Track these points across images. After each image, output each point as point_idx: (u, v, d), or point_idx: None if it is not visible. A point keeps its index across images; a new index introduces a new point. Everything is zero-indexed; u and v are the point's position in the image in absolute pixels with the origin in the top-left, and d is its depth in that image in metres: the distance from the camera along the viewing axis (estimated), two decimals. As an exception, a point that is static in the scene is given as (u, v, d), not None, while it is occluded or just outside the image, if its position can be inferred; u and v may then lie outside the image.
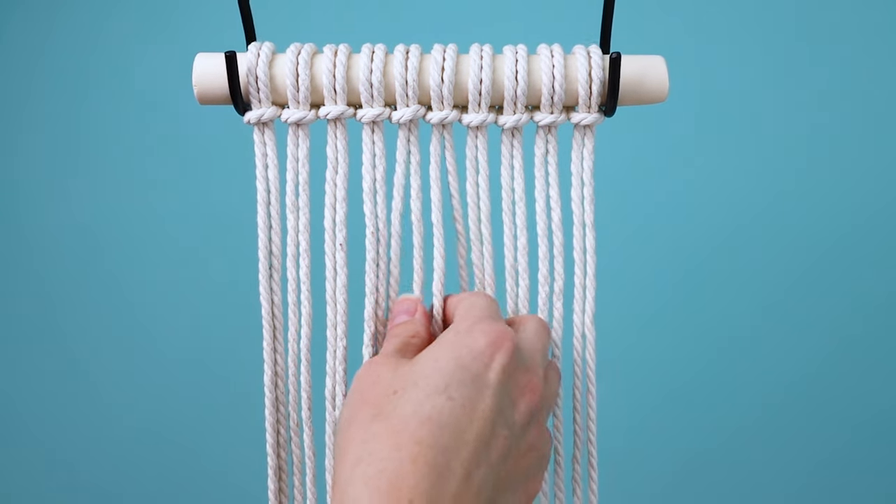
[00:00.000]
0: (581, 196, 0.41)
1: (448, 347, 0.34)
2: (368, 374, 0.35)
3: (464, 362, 0.33)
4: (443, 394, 0.32)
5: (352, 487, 0.30)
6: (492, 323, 0.35)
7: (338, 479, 0.32)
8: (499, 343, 0.34)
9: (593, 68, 0.39)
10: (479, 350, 0.34)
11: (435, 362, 0.34)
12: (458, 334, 0.35)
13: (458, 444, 0.31)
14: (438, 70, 0.39)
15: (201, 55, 0.40)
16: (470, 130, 0.41)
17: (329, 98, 0.40)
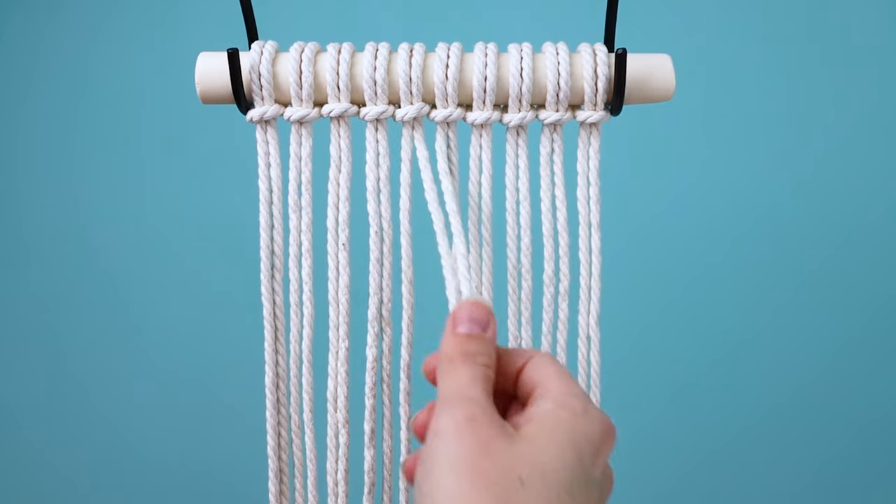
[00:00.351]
0: (587, 196, 0.41)
1: (570, 435, 0.30)
2: (476, 437, 0.29)
3: (583, 455, 0.30)
4: (567, 493, 0.29)
5: None
6: (596, 406, 0.32)
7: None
8: (609, 435, 0.32)
9: (599, 65, 0.39)
10: (595, 442, 0.31)
11: (559, 450, 0.30)
12: (575, 416, 0.31)
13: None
14: (443, 67, 0.39)
15: (204, 54, 0.40)
16: (474, 129, 0.40)
17: (332, 95, 0.39)
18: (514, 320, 0.42)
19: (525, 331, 0.42)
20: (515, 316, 0.42)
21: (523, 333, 0.42)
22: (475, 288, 0.40)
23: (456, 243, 0.37)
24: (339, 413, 0.42)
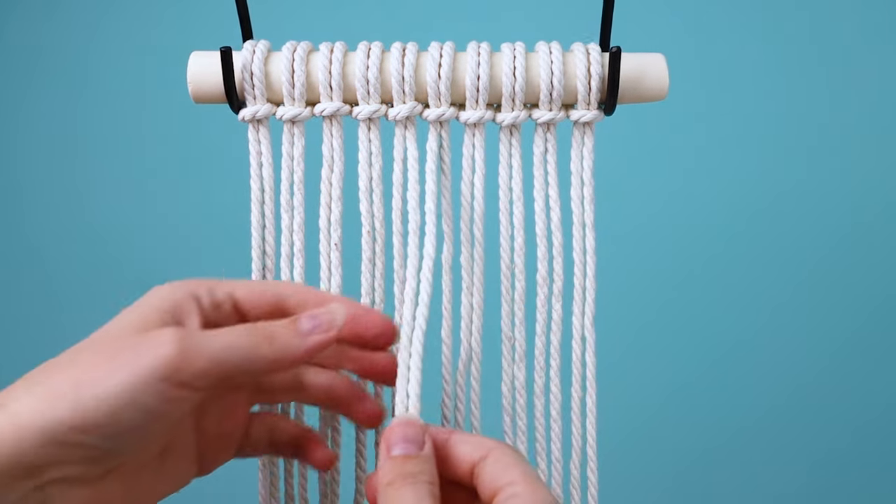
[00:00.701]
0: (581, 196, 0.41)
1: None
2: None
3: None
4: None
5: None
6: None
7: None
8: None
9: (592, 64, 0.39)
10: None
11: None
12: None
13: None
14: (435, 66, 0.39)
15: (196, 53, 0.40)
16: (467, 128, 0.40)
17: (325, 95, 0.39)
18: (508, 321, 0.41)
19: (519, 332, 0.41)
20: (509, 317, 0.41)
21: (517, 334, 0.41)
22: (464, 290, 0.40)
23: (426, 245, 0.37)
24: (334, 417, 0.42)
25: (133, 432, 0.29)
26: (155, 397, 0.29)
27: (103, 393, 0.28)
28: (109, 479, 0.31)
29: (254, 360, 0.31)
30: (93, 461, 0.29)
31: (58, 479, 0.29)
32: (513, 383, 0.42)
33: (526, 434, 0.42)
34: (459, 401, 0.42)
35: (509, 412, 0.42)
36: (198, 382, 0.30)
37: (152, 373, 0.29)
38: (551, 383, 0.42)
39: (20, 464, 0.28)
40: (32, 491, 0.29)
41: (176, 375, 0.29)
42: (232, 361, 0.30)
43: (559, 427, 0.42)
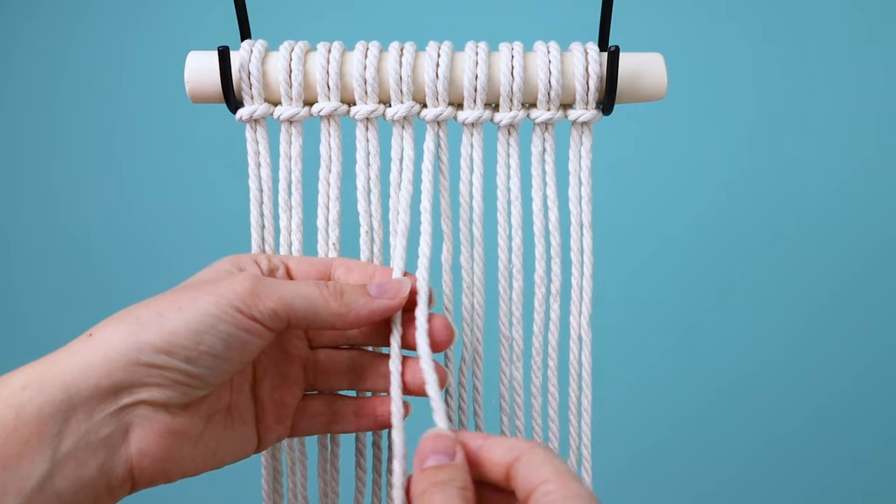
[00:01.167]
0: (579, 195, 0.41)
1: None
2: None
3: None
4: None
5: None
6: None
7: None
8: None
9: (590, 64, 0.38)
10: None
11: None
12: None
13: None
14: (433, 66, 0.38)
15: (193, 53, 0.40)
16: (465, 128, 0.40)
17: (322, 94, 0.39)
18: (506, 321, 0.41)
19: (516, 331, 0.41)
20: (507, 316, 0.41)
21: (514, 334, 0.41)
22: (465, 289, 0.40)
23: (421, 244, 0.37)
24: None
25: (212, 359, 0.32)
26: (232, 325, 0.32)
27: (188, 317, 0.32)
28: (187, 414, 0.33)
29: (320, 309, 0.34)
30: (175, 385, 0.32)
31: (141, 401, 0.32)
32: (511, 382, 0.42)
33: (523, 433, 0.42)
34: (462, 400, 0.42)
35: (507, 411, 0.42)
36: (268, 320, 0.33)
37: (230, 302, 0.32)
38: (549, 382, 0.42)
39: (109, 384, 0.31)
40: (117, 412, 0.31)
41: (250, 308, 0.33)
42: (299, 305, 0.34)
43: (556, 426, 0.42)
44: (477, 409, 0.42)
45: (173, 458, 0.33)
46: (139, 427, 0.32)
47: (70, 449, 0.30)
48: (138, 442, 0.32)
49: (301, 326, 0.35)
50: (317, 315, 0.34)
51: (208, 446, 0.35)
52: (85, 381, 0.31)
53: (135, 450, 0.32)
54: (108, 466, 0.31)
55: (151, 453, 0.32)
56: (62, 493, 0.30)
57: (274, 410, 0.38)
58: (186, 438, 0.33)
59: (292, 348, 0.38)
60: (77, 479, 0.30)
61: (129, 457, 0.32)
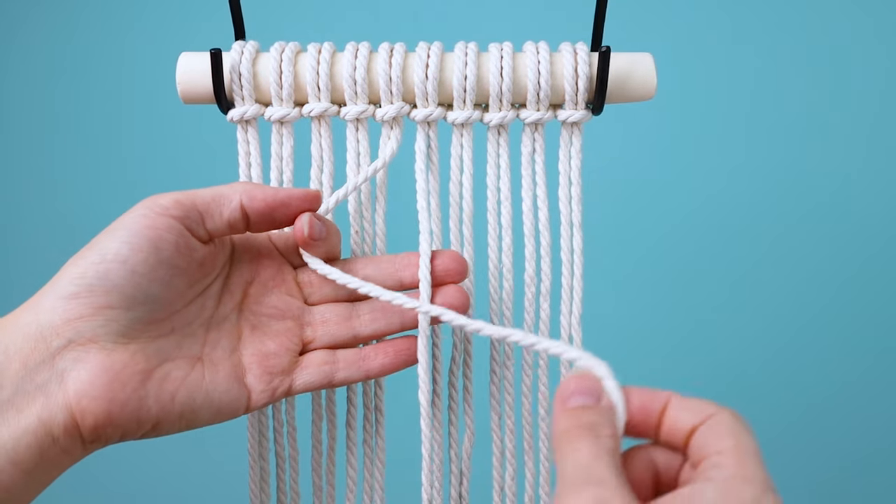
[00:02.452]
0: (569, 195, 0.41)
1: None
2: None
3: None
4: None
5: None
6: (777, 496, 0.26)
7: None
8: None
9: (579, 64, 0.38)
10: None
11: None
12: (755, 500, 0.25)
13: None
14: (423, 67, 0.39)
15: (185, 54, 0.40)
16: (455, 128, 0.40)
17: (313, 95, 0.39)
18: (496, 320, 0.42)
19: (507, 331, 0.41)
20: (497, 316, 0.41)
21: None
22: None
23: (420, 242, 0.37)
24: (323, 409, 0.42)
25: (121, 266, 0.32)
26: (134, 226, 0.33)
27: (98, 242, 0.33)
28: (126, 350, 0.33)
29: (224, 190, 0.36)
30: (97, 311, 0.32)
31: (70, 340, 0.32)
32: (501, 382, 0.42)
33: (514, 432, 0.42)
34: (453, 400, 0.42)
35: (497, 410, 0.42)
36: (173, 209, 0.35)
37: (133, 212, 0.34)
38: (539, 382, 0.42)
39: (36, 330, 0.32)
40: (51, 358, 0.31)
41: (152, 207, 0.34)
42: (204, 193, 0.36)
43: (547, 426, 0.42)
44: (467, 409, 0.42)
45: (114, 398, 0.32)
46: (73, 369, 0.31)
47: (7, 398, 0.31)
48: (74, 383, 0.31)
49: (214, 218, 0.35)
50: (221, 195, 0.35)
51: (164, 389, 0.33)
52: (17, 332, 0.31)
53: (72, 392, 0.31)
54: (45, 413, 0.31)
55: (88, 392, 0.31)
56: (3, 441, 0.30)
57: (263, 366, 0.37)
58: (128, 376, 0.32)
59: (283, 304, 0.38)
60: (17, 426, 0.30)
61: (67, 400, 0.31)
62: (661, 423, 0.28)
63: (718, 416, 0.27)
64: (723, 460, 0.26)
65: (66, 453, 0.32)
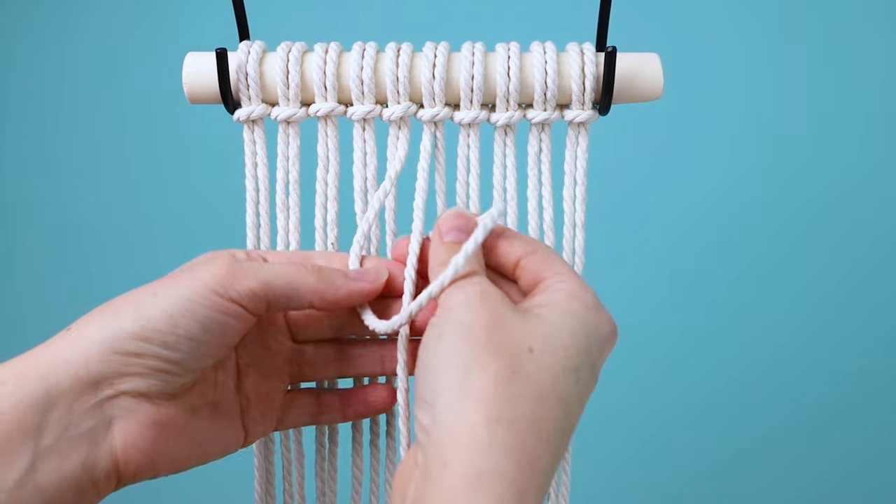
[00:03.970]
0: (573, 195, 0.41)
1: (581, 322, 0.31)
2: (490, 303, 0.31)
3: (591, 345, 0.31)
4: (574, 374, 0.30)
5: (492, 448, 0.28)
6: (605, 308, 0.33)
7: (464, 423, 0.28)
8: (614, 335, 0.33)
9: (586, 64, 0.39)
10: (603, 337, 0.32)
11: (571, 334, 0.31)
12: (587, 309, 0.32)
13: (570, 430, 0.31)
14: (430, 67, 0.39)
15: (192, 54, 0.40)
16: (462, 128, 0.40)
17: (319, 95, 0.39)
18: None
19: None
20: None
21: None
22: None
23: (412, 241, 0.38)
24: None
25: (189, 343, 0.32)
26: (209, 308, 0.32)
27: (163, 302, 0.32)
28: (171, 405, 0.33)
29: (298, 285, 0.34)
30: (155, 373, 0.32)
31: (122, 392, 0.31)
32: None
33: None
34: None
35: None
36: (246, 300, 0.33)
37: (206, 285, 0.32)
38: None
39: (87, 376, 0.31)
40: (98, 405, 0.31)
41: (227, 290, 0.32)
42: (278, 284, 0.33)
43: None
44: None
45: (159, 450, 0.33)
46: (122, 419, 0.32)
47: (51, 443, 0.30)
48: (122, 434, 0.32)
49: (281, 307, 0.34)
50: (296, 292, 0.34)
51: (194, 440, 0.35)
52: (63, 374, 0.30)
53: (119, 442, 0.32)
54: (91, 460, 0.31)
55: (136, 445, 0.32)
56: (44, 487, 0.30)
57: (259, 405, 0.38)
58: (171, 430, 0.33)
59: (275, 343, 0.38)
60: (59, 474, 0.30)
61: (114, 449, 0.32)
62: (495, 248, 0.35)
63: (545, 248, 0.35)
64: (565, 278, 0.33)
65: (99, 494, 0.32)
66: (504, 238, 0.35)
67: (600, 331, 0.32)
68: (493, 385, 0.29)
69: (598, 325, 0.32)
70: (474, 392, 0.29)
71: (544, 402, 0.29)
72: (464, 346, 0.30)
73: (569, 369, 0.30)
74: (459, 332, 0.30)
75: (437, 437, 0.29)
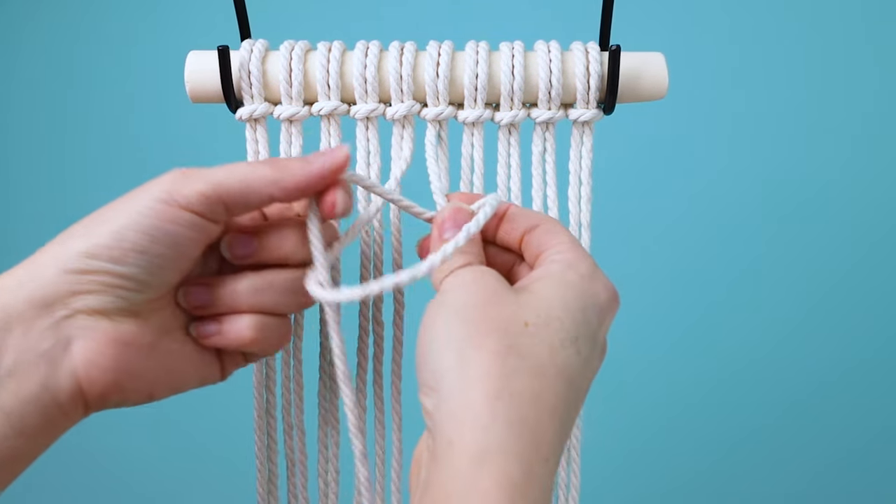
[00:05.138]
0: (578, 195, 0.41)
1: (576, 293, 0.31)
2: (484, 284, 0.31)
3: (588, 314, 0.31)
4: (573, 345, 0.30)
5: (494, 424, 0.28)
6: (604, 274, 0.33)
7: (466, 402, 0.28)
8: (613, 302, 0.33)
9: (591, 63, 0.38)
10: (601, 306, 0.32)
11: (565, 305, 0.31)
12: (582, 278, 0.32)
13: (577, 402, 0.31)
14: (434, 65, 0.38)
15: (194, 53, 0.40)
16: (466, 127, 0.40)
17: (322, 93, 0.39)
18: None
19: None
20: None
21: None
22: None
23: None
24: (330, 413, 0.42)
25: (139, 255, 0.31)
26: (155, 218, 0.31)
27: (110, 218, 0.31)
28: (134, 322, 0.33)
29: (252, 181, 0.32)
30: (108, 289, 0.31)
31: (77, 311, 0.31)
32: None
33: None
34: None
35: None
36: (197, 205, 0.32)
37: (152, 195, 0.31)
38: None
39: (41, 298, 0.31)
40: (55, 325, 0.31)
41: (174, 196, 0.31)
42: (230, 183, 0.32)
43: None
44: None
45: (122, 369, 0.32)
46: (81, 338, 0.31)
47: (10, 365, 0.30)
48: (82, 353, 0.31)
49: (240, 207, 0.33)
50: (251, 188, 0.32)
51: (163, 363, 0.34)
52: (18, 298, 0.31)
53: (80, 361, 0.31)
54: (52, 381, 0.31)
55: (98, 363, 0.31)
56: (8, 410, 0.30)
57: None
58: (135, 349, 0.32)
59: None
60: (19, 396, 0.30)
61: (75, 369, 0.31)
62: (499, 226, 0.35)
63: (549, 220, 0.35)
64: (562, 248, 0.33)
65: (68, 417, 0.32)
66: (507, 219, 0.35)
67: (597, 299, 0.32)
68: (490, 362, 0.29)
69: (595, 294, 0.32)
70: (472, 371, 0.29)
71: (544, 375, 0.29)
72: (459, 327, 0.30)
73: (566, 340, 0.30)
74: (454, 314, 0.30)
75: (441, 419, 0.29)
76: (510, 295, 0.31)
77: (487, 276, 0.32)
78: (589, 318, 0.31)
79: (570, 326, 0.30)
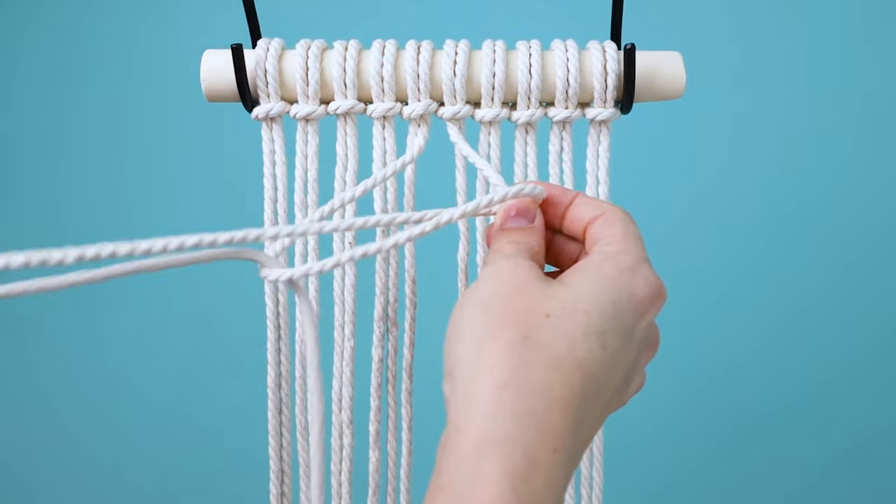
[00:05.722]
0: (596, 194, 0.41)
1: (611, 286, 0.31)
2: (515, 275, 0.31)
3: (621, 309, 0.31)
4: (599, 339, 0.30)
5: (499, 414, 0.28)
6: (651, 268, 0.33)
7: (474, 391, 0.29)
8: (655, 298, 0.32)
9: (608, 62, 0.38)
10: (638, 301, 0.32)
11: (594, 298, 0.30)
12: (621, 272, 0.32)
13: (598, 396, 0.30)
14: (451, 64, 0.38)
15: (209, 51, 0.39)
16: (483, 126, 0.40)
17: (339, 92, 0.39)
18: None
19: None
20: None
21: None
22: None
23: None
24: (344, 413, 0.42)
25: None
26: None
27: None
28: None
29: None
30: None
31: None
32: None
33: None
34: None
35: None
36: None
37: None
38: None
39: None
40: None
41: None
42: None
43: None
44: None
45: None
46: None
47: None
48: None
49: None
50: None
51: None
52: None
53: None
54: None
55: None
56: None
57: None
58: None
59: None
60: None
61: None
62: (566, 216, 0.35)
63: (612, 210, 0.34)
64: (612, 240, 0.33)
65: None
66: (574, 205, 0.35)
67: (634, 293, 0.31)
68: (503, 353, 0.29)
69: (632, 288, 0.31)
70: (484, 360, 0.29)
71: (559, 367, 0.29)
72: (481, 317, 0.30)
73: (591, 334, 0.30)
74: (478, 303, 0.31)
75: (452, 406, 0.29)
76: (539, 286, 0.31)
77: (521, 266, 0.32)
78: (621, 311, 0.31)
79: (596, 320, 0.30)
